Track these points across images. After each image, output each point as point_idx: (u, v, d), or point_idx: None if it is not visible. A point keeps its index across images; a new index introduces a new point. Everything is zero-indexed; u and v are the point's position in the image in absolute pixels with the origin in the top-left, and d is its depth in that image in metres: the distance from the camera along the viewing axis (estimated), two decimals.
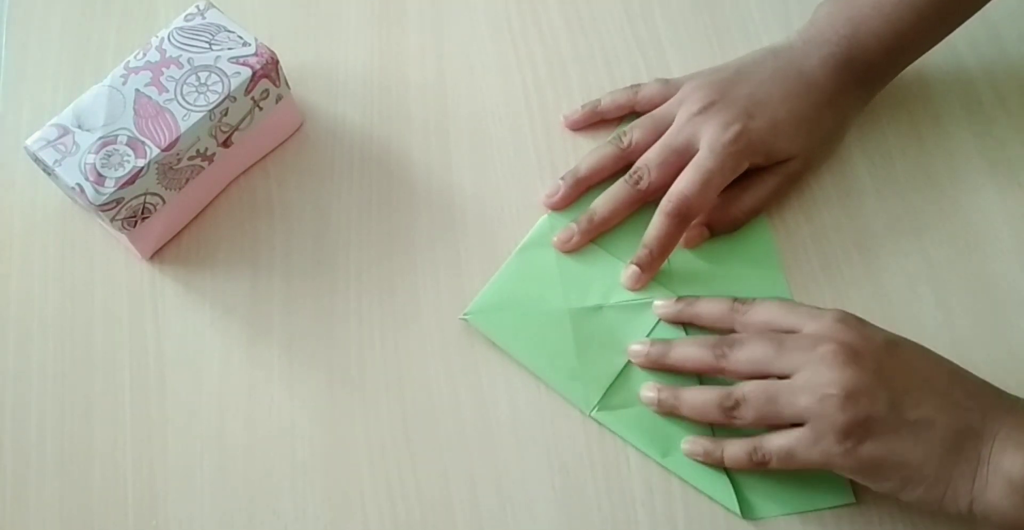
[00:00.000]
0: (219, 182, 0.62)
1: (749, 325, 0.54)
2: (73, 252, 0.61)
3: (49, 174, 0.56)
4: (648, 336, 0.58)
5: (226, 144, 0.59)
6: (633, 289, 0.59)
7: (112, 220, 0.56)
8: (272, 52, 0.57)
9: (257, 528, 0.55)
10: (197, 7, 0.58)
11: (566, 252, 0.60)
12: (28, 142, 0.55)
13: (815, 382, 0.49)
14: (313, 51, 0.66)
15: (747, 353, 0.52)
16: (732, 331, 0.55)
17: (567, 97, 0.65)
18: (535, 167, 0.63)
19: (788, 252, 0.61)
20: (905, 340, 0.52)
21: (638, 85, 0.63)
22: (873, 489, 0.50)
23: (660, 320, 0.58)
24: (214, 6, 0.58)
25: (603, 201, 0.60)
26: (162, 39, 0.57)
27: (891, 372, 0.49)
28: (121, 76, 0.56)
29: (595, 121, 0.64)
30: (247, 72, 0.56)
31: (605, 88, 0.65)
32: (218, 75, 0.56)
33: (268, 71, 0.57)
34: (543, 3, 0.68)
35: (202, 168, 0.58)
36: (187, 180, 0.58)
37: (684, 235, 0.59)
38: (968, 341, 0.58)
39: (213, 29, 0.58)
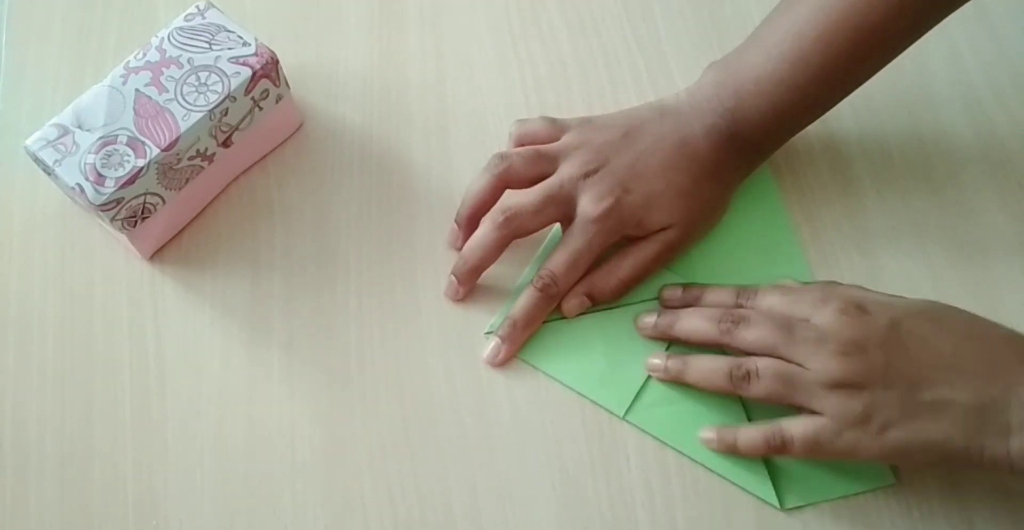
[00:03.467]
0: (219, 182, 0.62)
1: (755, 309, 0.55)
2: (73, 252, 0.61)
3: (49, 174, 0.56)
4: None
5: (226, 144, 0.59)
6: (493, 364, 0.58)
7: (112, 220, 0.56)
8: (272, 52, 0.57)
9: (257, 528, 0.55)
10: (197, 7, 0.58)
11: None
12: (28, 142, 0.55)
13: (826, 377, 0.50)
14: (313, 51, 0.66)
15: (755, 333, 0.53)
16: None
17: (567, 97, 0.65)
18: None
19: None
20: (913, 314, 0.51)
21: (523, 119, 0.61)
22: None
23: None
24: (214, 6, 0.58)
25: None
26: (162, 39, 0.57)
27: (899, 357, 0.50)
28: (121, 76, 0.56)
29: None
30: (247, 72, 0.56)
31: (605, 88, 0.65)
32: (218, 75, 0.56)
33: (268, 71, 0.57)
34: (543, 3, 0.68)
35: (202, 168, 0.59)
36: (187, 180, 0.58)
37: (563, 305, 0.58)
38: None
39: (213, 29, 0.58)
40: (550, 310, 0.58)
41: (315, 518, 0.55)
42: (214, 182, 0.61)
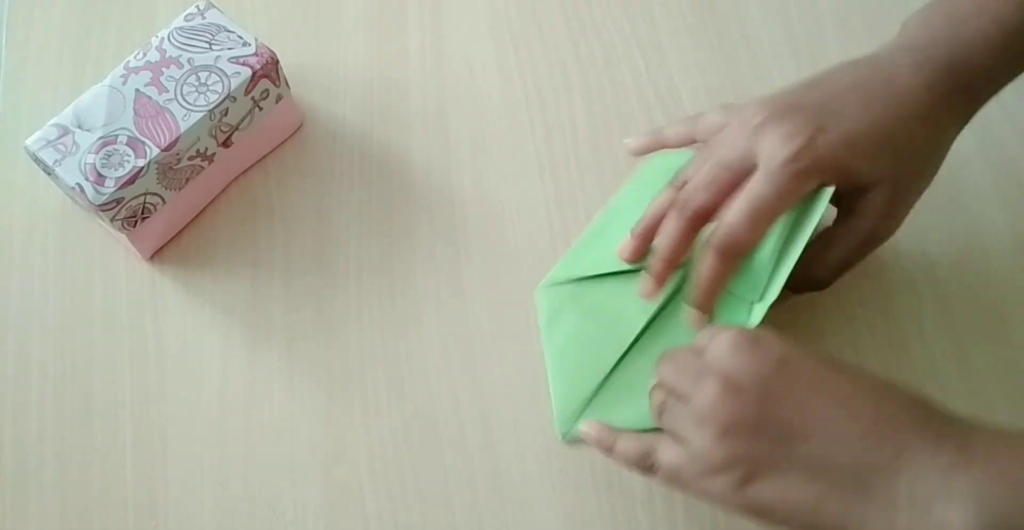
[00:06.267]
0: (219, 182, 0.62)
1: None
2: (73, 252, 0.61)
3: (49, 174, 0.56)
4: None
5: (226, 144, 0.59)
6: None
7: (112, 220, 0.56)
8: (272, 52, 0.57)
9: (257, 528, 0.55)
10: (197, 7, 0.58)
11: (651, 298, 0.54)
12: (28, 142, 0.55)
13: (699, 412, 0.44)
14: (313, 51, 0.66)
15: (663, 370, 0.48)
16: None
17: (567, 97, 0.65)
18: (535, 167, 0.63)
19: None
20: (806, 359, 0.44)
21: (700, 113, 0.55)
22: None
23: None
24: (214, 6, 0.58)
25: (660, 238, 0.52)
26: (162, 39, 0.57)
27: (779, 401, 0.43)
28: (121, 76, 0.56)
29: (658, 149, 0.58)
30: (247, 72, 0.56)
31: (605, 88, 0.65)
32: (218, 75, 0.56)
33: (268, 71, 0.57)
34: (543, 3, 0.68)
35: (202, 168, 0.59)
36: (187, 180, 0.58)
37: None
38: (968, 341, 0.58)
39: (213, 29, 0.58)
40: (733, 270, 0.51)
41: (315, 518, 0.55)
42: (214, 182, 0.61)
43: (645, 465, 0.48)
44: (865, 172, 0.49)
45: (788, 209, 0.49)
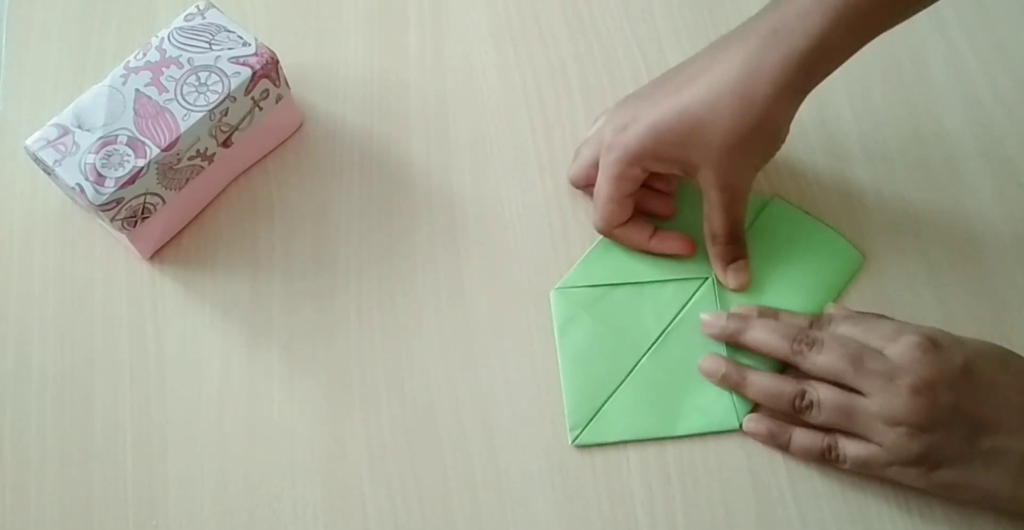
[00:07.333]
0: (219, 182, 0.62)
1: (827, 337, 0.53)
2: (73, 252, 0.61)
3: (49, 174, 0.56)
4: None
5: (226, 144, 0.59)
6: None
7: (112, 220, 0.56)
8: (272, 52, 0.57)
9: (257, 528, 0.55)
10: (197, 7, 0.58)
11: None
12: (28, 142, 0.55)
13: (890, 413, 0.49)
14: (313, 51, 0.66)
15: (826, 358, 0.51)
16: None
17: (567, 97, 0.65)
18: (535, 167, 0.63)
19: None
20: (984, 355, 0.50)
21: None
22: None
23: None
24: (214, 6, 0.58)
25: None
26: (162, 39, 0.57)
27: (967, 400, 0.49)
28: (121, 76, 0.56)
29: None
30: (247, 72, 0.56)
31: (605, 88, 0.65)
32: (218, 75, 0.56)
33: (268, 71, 0.57)
34: (543, 3, 0.68)
35: (202, 168, 0.59)
36: (187, 180, 0.58)
37: (735, 280, 0.57)
38: None
39: (213, 29, 0.58)
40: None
41: (315, 518, 0.55)
42: (214, 182, 0.61)
43: (828, 458, 0.52)
44: (678, 156, 0.53)
45: (626, 191, 0.55)
